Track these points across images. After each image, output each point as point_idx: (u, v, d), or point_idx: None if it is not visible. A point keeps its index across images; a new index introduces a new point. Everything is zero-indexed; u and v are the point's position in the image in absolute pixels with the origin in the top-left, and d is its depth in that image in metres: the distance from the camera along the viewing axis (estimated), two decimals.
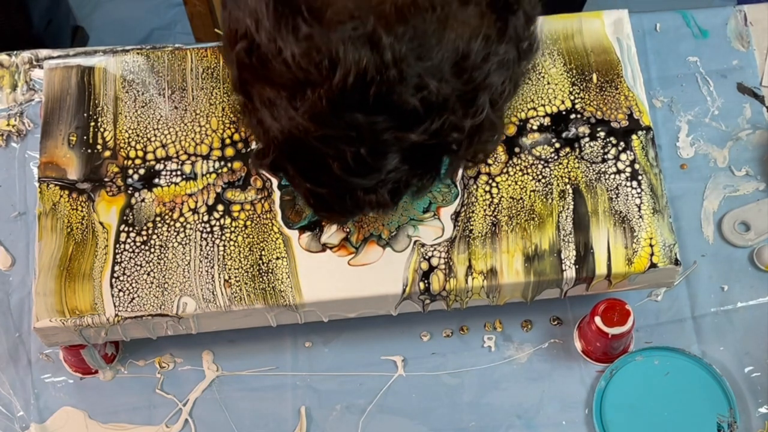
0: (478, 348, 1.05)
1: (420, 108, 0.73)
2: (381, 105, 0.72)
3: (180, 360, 1.05)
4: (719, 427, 1.00)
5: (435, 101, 0.73)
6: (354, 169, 0.75)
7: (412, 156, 0.76)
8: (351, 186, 0.77)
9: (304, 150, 0.76)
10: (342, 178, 0.76)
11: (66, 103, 1.03)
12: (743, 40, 1.17)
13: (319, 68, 0.71)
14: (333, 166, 0.75)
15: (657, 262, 0.95)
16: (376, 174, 0.76)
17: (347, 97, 0.72)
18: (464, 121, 0.76)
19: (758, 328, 1.06)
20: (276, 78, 0.74)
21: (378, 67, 0.71)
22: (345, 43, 0.70)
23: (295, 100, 0.73)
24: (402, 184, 0.79)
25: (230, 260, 0.96)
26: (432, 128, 0.74)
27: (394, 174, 0.77)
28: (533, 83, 1.03)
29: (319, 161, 0.76)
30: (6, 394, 1.04)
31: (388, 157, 0.75)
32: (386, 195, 0.79)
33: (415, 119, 0.74)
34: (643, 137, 1.00)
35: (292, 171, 0.79)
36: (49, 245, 0.97)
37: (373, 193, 0.78)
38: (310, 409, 1.03)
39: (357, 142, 0.74)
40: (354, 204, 0.80)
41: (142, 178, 0.99)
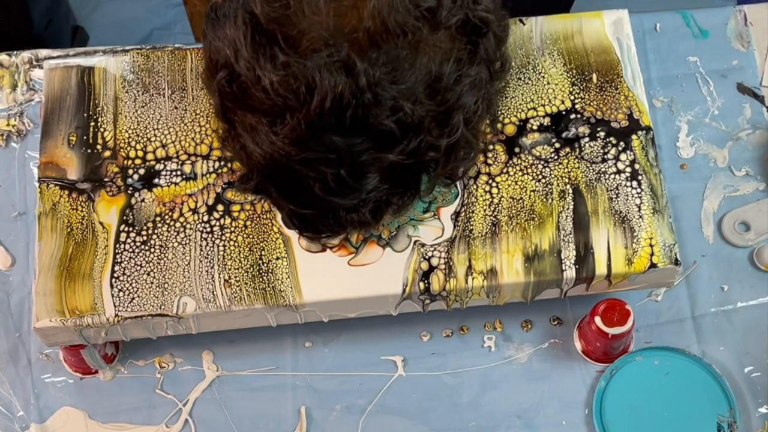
0: (478, 348, 1.05)
1: (396, 129, 0.76)
2: (358, 127, 0.75)
3: (180, 360, 1.05)
4: (719, 427, 1.00)
5: (410, 122, 0.76)
6: (335, 189, 0.78)
7: (391, 175, 0.79)
8: (333, 206, 0.80)
9: (286, 173, 0.79)
10: (323, 198, 0.79)
11: (66, 103, 1.03)
12: (743, 40, 1.17)
13: (296, 94, 0.74)
14: (314, 187, 0.78)
15: (657, 262, 0.95)
16: (357, 194, 0.79)
17: (325, 121, 0.75)
18: (440, 140, 0.79)
19: (758, 328, 1.06)
20: (256, 105, 0.77)
21: (353, 92, 0.74)
22: (321, 69, 0.73)
23: (275, 125, 0.76)
24: (383, 203, 0.82)
25: (230, 260, 0.96)
26: (409, 148, 0.77)
27: (374, 193, 0.80)
28: (533, 83, 1.03)
29: (301, 183, 0.79)
30: (6, 394, 1.04)
31: (368, 177, 0.78)
32: (367, 214, 0.82)
33: (392, 140, 0.77)
34: (643, 137, 1.00)
35: (275, 194, 0.82)
36: (49, 245, 0.97)
37: (355, 212, 0.81)
38: (310, 409, 1.03)
39: (336, 164, 0.77)
40: (336, 223, 0.83)
41: (142, 178, 0.99)
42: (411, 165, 0.79)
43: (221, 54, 0.78)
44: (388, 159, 0.77)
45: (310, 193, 0.79)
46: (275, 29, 0.76)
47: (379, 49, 0.75)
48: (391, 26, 0.75)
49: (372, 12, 0.74)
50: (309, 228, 0.85)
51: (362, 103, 0.74)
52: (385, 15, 0.74)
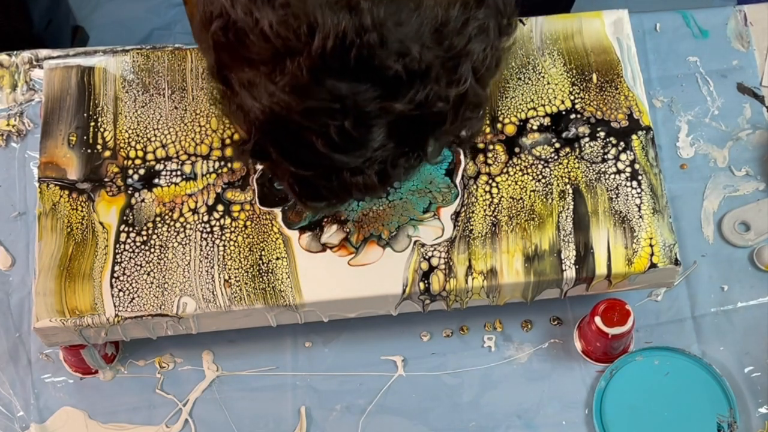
0: (478, 348, 1.05)
1: (403, 74, 0.72)
2: (363, 71, 0.71)
3: (180, 360, 1.05)
4: (719, 427, 1.00)
5: (417, 68, 0.72)
6: (339, 144, 0.74)
7: (398, 131, 0.75)
8: (336, 165, 0.76)
9: (286, 129, 0.75)
10: (327, 156, 0.74)
11: (66, 103, 1.03)
12: (743, 40, 1.17)
13: (297, 35, 0.70)
14: (317, 143, 0.74)
15: (657, 262, 0.95)
16: (362, 150, 0.75)
17: (328, 64, 0.71)
18: (448, 90, 0.75)
19: (758, 328, 1.06)
20: (254, 54, 0.73)
21: (357, 31, 0.70)
22: (323, 7, 0.70)
23: (274, 73, 0.72)
24: (389, 164, 0.78)
25: (230, 260, 0.96)
26: (417, 98, 0.73)
27: (380, 152, 0.76)
28: (533, 83, 1.03)
29: (302, 140, 0.74)
30: (6, 394, 1.04)
31: (374, 131, 0.74)
32: (374, 176, 0.78)
33: (399, 87, 0.73)
34: (643, 137, 1.00)
35: (275, 154, 0.77)
36: (49, 245, 0.97)
37: (360, 174, 0.77)
38: (310, 409, 1.03)
39: (341, 115, 0.72)
40: (341, 186, 0.78)
41: (142, 178, 0.99)
42: (418, 119, 0.75)
43: (216, 3, 0.74)
44: (395, 109, 0.73)
45: (312, 151, 0.74)
46: None
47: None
48: None
49: None
50: (311, 194, 0.81)
51: (367, 43, 0.70)
52: None
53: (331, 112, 0.72)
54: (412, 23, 0.72)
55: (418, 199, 0.98)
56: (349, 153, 0.75)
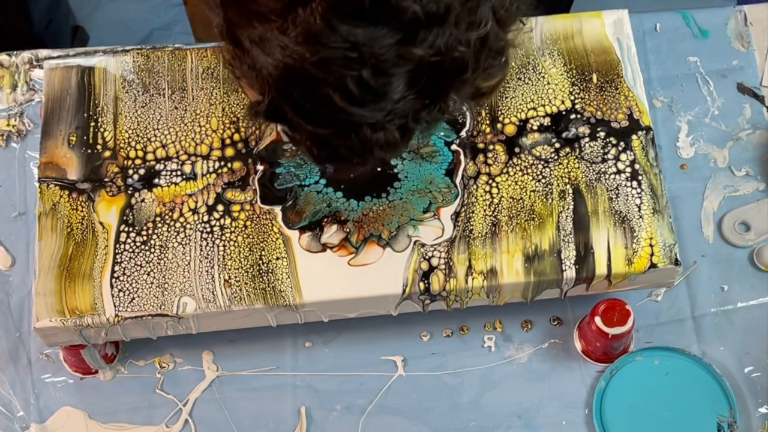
0: (478, 348, 1.05)
1: (421, 15, 0.69)
2: (379, 14, 0.68)
3: (180, 360, 1.05)
4: (719, 427, 1.00)
5: (436, 10, 0.69)
6: (358, 97, 0.70)
7: (418, 80, 0.72)
8: (356, 121, 0.72)
9: (301, 84, 0.71)
10: (345, 110, 0.71)
11: (66, 103, 1.03)
12: (743, 40, 1.17)
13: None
14: (334, 97, 0.70)
15: (657, 262, 0.95)
16: (382, 103, 0.71)
17: (342, 8, 0.68)
18: (468, 33, 0.71)
19: (758, 328, 1.06)
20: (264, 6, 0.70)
21: None
22: None
23: (286, 24, 0.69)
24: (410, 118, 0.74)
25: (230, 260, 0.96)
26: (436, 42, 0.70)
27: (401, 104, 0.72)
28: (533, 83, 1.03)
29: (318, 95, 0.71)
30: (6, 394, 1.04)
31: (393, 81, 0.71)
32: (395, 132, 0.74)
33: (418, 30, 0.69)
34: (643, 137, 1.00)
35: (290, 113, 0.74)
36: (49, 245, 0.97)
37: (381, 130, 0.73)
38: (310, 409, 1.03)
39: (358, 64, 0.69)
40: (361, 144, 0.74)
41: (142, 178, 0.99)
42: (439, 66, 0.71)
43: None
44: (414, 54, 0.69)
45: (329, 107, 0.71)
46: None
47: None
48: None
49: None
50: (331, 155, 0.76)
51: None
52: None
53: (348, 61, 0.69)
54: None
55: (418, 199, 0.98)
56: (369, 106, 0.71)
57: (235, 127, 1.01)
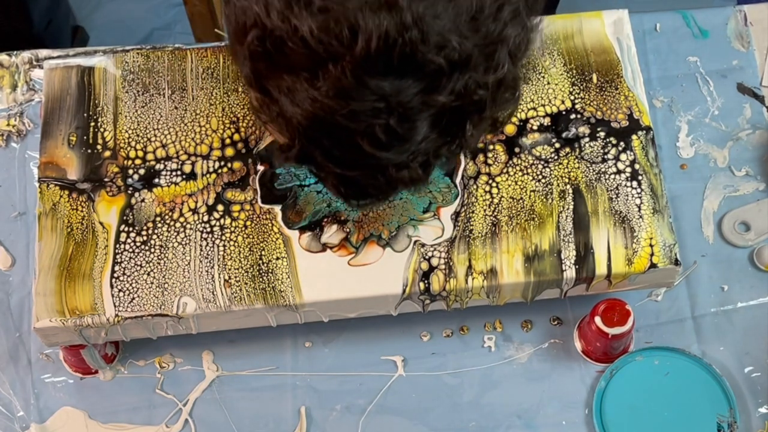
0: (478, 348, 1.05)
1: (445, 65, 0.72)
2: (406, 68, 0.72)
3: (180, 360, 1.05)
4: (719, 427, 1.00)
5: (458, 59, 0.72)
6: (385, 142, 0.74)
7: (440, 122, 0.75)
8: (383, 163, 0.76)
9: (330, 132, 0.74)
10: (373, 155, 0.74)
11: (66, 103, 1.03)
12: (743, 40, 1.17)
13: (339, 39, 0.70)
14: (363, 144, 0.74)
15: (657, 262, 0.95)
16: (407, 145, 0.75)
17: (371, 65, 0.71)
18: (486, 76, 0.75)
19: (758, 328, 1.06)
20: (293, 61, 0.73)
21: (399, 29, 0.70)
22: (363, 10, 0.70)
23: (316, 79, 0.72)
24: (432, 154, 0.78)
25: (230, 260, 0.96)
26: (457, 88, 0.73)
27: (424, 144, 0.76)
28: (533, 83, 1.03)
29: (347, 142, 0.74)
30: (6, 394, 1.04)
31: (418, 126, 0.74)
32: (418, 169, 0.78)
33: (441, 79, 0.73)
34: (643, 137, 1.00)
35: (320, 158, 0.77)
36: (49, 245, 0.97)
37: (406, 168, 0.77)
38: (310, 409, 1.03)
39: (385, 113, 0.72)
40: (387, 183, 0.78)
41: (142, 178, 0.99)
42: (459, 108, 0.75)
43: (249, 14, 0.74)
44: (438, 101, 0.73)
45: (358, 152, 0.74)
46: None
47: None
48: None
49: None
50: (357, 192, 0.80)
51: (409, 41, 0.70)
52: None
53: (376, 111, 0.72)
54: (448, 14, 0.72)
55: (418, 199, 0.98)
56: (395, 149, 0.75)
57: (235, 127, 1.01)
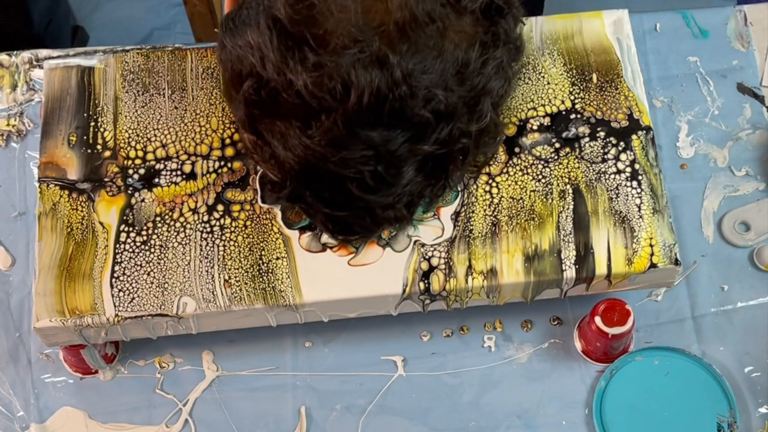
0: (478, 348, 1.05)
1: (431, 119, 0.76)
2: (395, 121, 0.75)
3: (180, 360, 1.05)
4: (719, 427, 1.00)
5: (444, 110, 0.77)
6: (372, 187, 0.78)
7: (425, 166, 0.80)
8: (369, 205, 0.80)
9: (321, 176, 0.78)
10: (361, 198, 0.79)
11: (66, 103, 1.03)
12: (743, 40, 1.17)
13: (332, 94, 0.74)
14: (352, 188, 0.78)
15: (657, 262, 0.95)
16: (393, 189, 0.79)
17: (363, 118, 0.75)
18: (470, 126, 0.79)
19: (758, 328, 1.06)
20: (287, 110, 0.76)
21: (389, 86, 0.74)
22: (355, 66, 0.73)
23: (309, 128, 0.76)
24: (416, 195, 0.83)
25: (230, 260, 0.96)
26: (442, 137, 0.78)
27: (409, 187, 0.80)
28: (533, 83, 1.03)
29: (337, 185, 0.78)
30: (6, 394, 1.04)
31: (404, 171, 0.79)
32: (403, 209, 0.83)
33: (427, 130, 0.77)
34: (643, 137, 1.00)
35: (310, 199, 0.82)
36: (49, 245, 0.97)
37: (391, 209, 0.82)
38: (310, 409, 1.03)
39: (374, 161, 0.77)
40: (373, 222, 0.83)
41: (142, 178, 0.99)
42: (443, 155, 0.79)
43: (245, 63, 0.77)
44: (424, 150, 0.77)
45: (346, 194, 0.79)
46: (302, 30, 0.75)
47: (408, 40, 0.75)
48: (419, 15, 0.75)
49: (400, 3, 0.74)
50: (344, 230, 0.85)
51: (399, 96, 0.74)
52: (413, 5, 0.75)
53: (365, 159, 0.76)
54: (436, 69, 0.76)
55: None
56: (381, 193, 0.79)
57: (235, 127, 1.01)
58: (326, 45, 0.74)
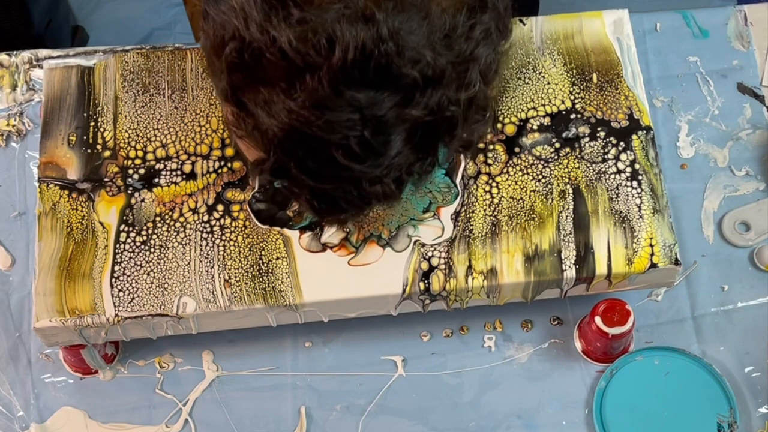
0: (478, 348, 1.05)
1: (419, 80, 0.74)
2: (381, 80, 0.74)
3: (180, 360, 1.05)
4: (719, 427, 1.00)
5: (432, 74, 0.75)
6: (359, 155, 0.76)
7: (413, 137, 0.78)
8: (356, 176, 0.78)
9: (306, 143, 0.76)
10: (348, 167, 0.76)
11: (66, 103, 1.03)
12: (743, 40, 1.17)
13: (317, 49, 0.72)
14: (337, 155, 0.76)
15: (657, 262, 0.95)
16: (381, 159, 0.77)
17: (348, 75, 0.73)
18: (458, 94, 0.78)
19: (758, 328, 1.06)
20: (271, 73, 0.74)
21: (375, 42, 0.72)
22: (340, 21, 0.72)
23: (293, 89, 0.74)
24: (404, 171, 0.80)
25: (230, 260, 0.96)
26: (431, 103, 0.76)
27: (397, 159, 0.78)
28: (533, 83, 1.03)
29: (322, 153, 0.76)
30: (6, 394, 1.04)
31: (391, 139, 0.76)
32: (391, 184, 0.80)
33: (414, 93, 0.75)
34: (643, 137, 1.00)
35: (295, 171, 0.79)
36: (49, 245, 0.97)
37: (379, 184, 0.79)
38: (310, 409, 1.03)
39: (360, 125, 0.74)
40: (360, 197, 0.80)
41: (142, 178, 0.99)
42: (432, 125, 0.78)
43: (228, 27, 0.76)
44: (412, 115, 0.76)
45: (332, 164, 0.76)
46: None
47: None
48: None
49: None
50: (330, 207, 0.82)
51: (385, 53, 0.73)
52: None
53: (351, 123, 0.74)
54: (423, 30, 0.75)
55: (418, 199, 0.98)
56: (368, 162, 0.77)
57: None
58: (311, 1, 0.73)
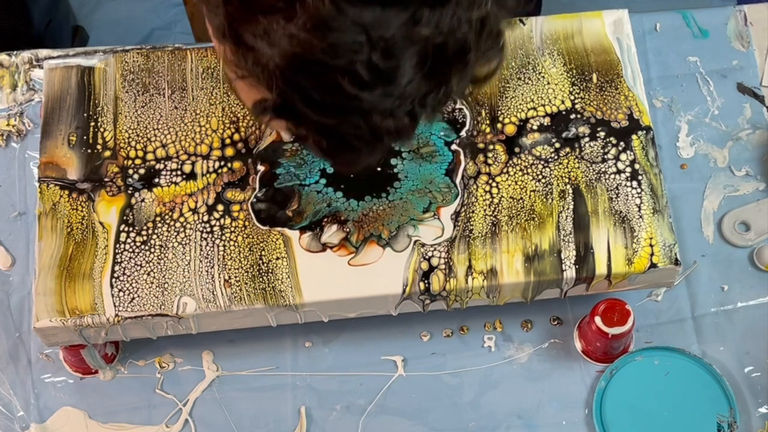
0: (478, 348, 1.05)
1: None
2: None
3: (180, 360, 1.05)
4: (719, 427, 1.00)
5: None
6: (368, 81, 0.71)
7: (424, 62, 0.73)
8: (366, 108, 0.73)
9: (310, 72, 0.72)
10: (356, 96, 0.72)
11: (66, 103, 1.03)
12: (743, 40, 1.17)
13: None
14: (344, 83, 0.71)
15: (657, 262, 0.95)
16: (391, 87, 0.73)
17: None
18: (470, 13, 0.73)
19: (758, 328, 1.06)
20: None
21: None
22: None
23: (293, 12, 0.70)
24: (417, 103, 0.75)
25: (230, 260, 0.96)
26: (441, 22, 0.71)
27: (408, 88, 0.73)
28: (533, 83, 1.03)
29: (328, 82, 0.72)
30: (6, 394, 1.04)
31: (401, 64, 0.72)
32: (405, 118, 0.75)
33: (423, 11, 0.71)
34: (643, 137, 1.00)
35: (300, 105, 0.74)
36: (49, 245, 0.97)
37: (390, 117, 0.75)
38: (310, 409, 1.03)
39: (367, 48, 0.70)
40: (371, 133, 0.75)
41: (142, 178, 0.99)
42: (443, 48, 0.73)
43: None
44: (421, 35, 0.71)
45: (339, 93, 0.71)
46: None
47: None
48: None
49: None
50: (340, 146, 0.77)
51: None
52: None
53: (357, 45, 0.70)
54: None
55: (418, 199, 0.98)
56: (378, 90, 0.72)
57: (235, 127, 1.01)
58: None
